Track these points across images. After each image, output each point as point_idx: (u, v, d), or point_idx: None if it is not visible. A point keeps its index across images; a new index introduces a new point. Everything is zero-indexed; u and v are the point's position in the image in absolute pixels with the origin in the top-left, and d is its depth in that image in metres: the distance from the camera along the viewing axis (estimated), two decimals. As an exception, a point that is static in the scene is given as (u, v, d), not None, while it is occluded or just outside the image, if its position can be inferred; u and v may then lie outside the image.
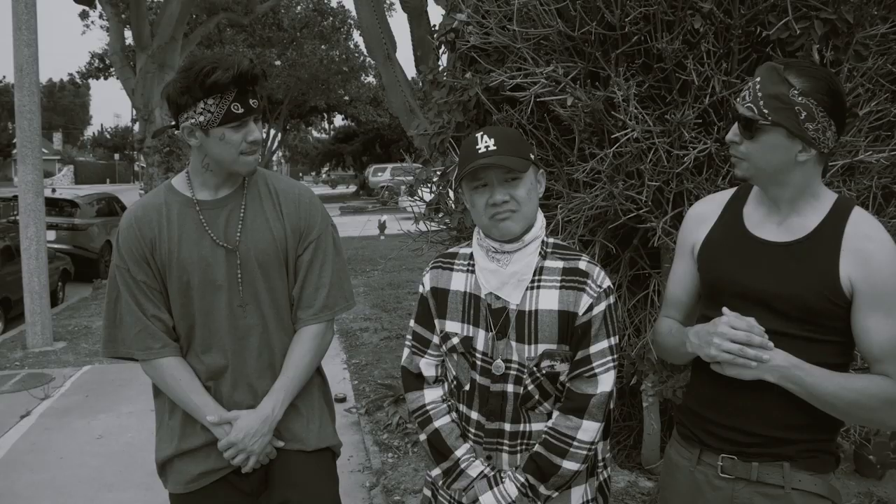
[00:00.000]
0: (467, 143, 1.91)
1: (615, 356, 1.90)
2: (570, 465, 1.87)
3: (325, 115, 43.36)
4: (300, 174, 58.36)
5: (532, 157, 1.92)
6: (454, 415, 2.03)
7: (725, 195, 1.92)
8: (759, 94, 1.63)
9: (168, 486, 2.17)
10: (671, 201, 3.00)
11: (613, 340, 1.90)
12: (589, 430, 1.87)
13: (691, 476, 1.85)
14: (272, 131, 36.05)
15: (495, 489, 1.93)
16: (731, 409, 1.77)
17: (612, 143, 2.95)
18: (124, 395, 6.11)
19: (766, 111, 1.62)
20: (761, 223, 1.78)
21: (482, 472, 1.96)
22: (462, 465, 1.97)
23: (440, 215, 3.88)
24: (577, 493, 1.98)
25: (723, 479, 1.78)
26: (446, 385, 2.07)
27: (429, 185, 3.88)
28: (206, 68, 1.88)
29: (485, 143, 1.86)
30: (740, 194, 1.88)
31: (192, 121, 1.94)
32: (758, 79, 1.66)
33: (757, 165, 1.69)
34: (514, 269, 1.90)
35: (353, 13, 32.59)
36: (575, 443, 1.87)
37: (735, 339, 1.65)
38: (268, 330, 2.10)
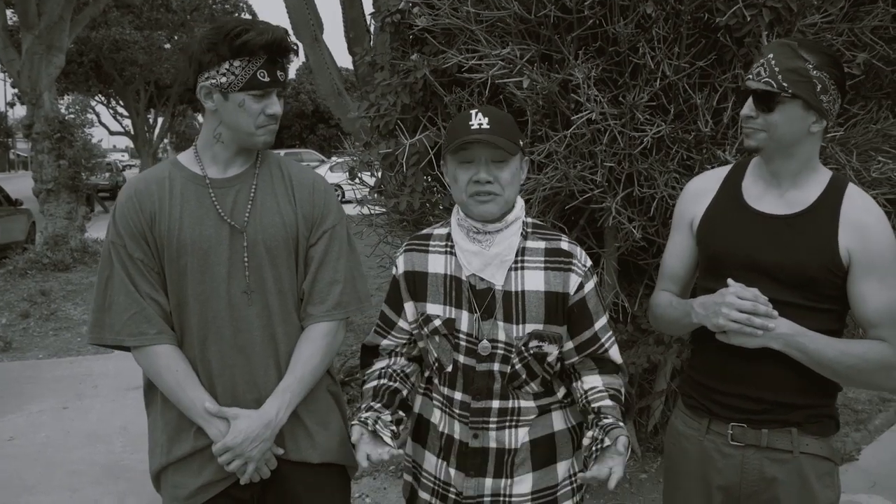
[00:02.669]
0: (459, 118, 1.90)
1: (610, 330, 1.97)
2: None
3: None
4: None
5: (521, 143, 1.92)
6: (385, 381, 2.01)
7: (723, 171, 1.99)
8: (777, 69, 1.71)
9: (164, 502, 1.97)
10: (622, 182, 3.08)
11: (606, 316, 1.97)
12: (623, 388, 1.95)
13: (700, 445, 1.92)
14: (160, 119, 34.58)
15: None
16: (738, 378, 1.84)
17: (566, 124, 3.00)
18: (31, 393, 5.75)
19: (785, 84, 1.70)
20: (761, 197, 1.86)
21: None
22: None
23: (383, 198, 3.84)
24: (563, 467, 2.01)
25: (732, 447, 1.85)
26: (401, 359, 2.08)
27: (370, 167, 3.83)
28: (239, 27, 1.77)
29: (478, 120, 1.84)
30: (737, 170, 1.95)
31: (213, 81, 1.80)
32: (770, 55, 1.73)
33: (774, 137, 1.76)
34: (497, 251, 1.90)
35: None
36: (622, 397, 1.92)
37: (742, 309, 1.71)
38: (272, 323, 1.93)
